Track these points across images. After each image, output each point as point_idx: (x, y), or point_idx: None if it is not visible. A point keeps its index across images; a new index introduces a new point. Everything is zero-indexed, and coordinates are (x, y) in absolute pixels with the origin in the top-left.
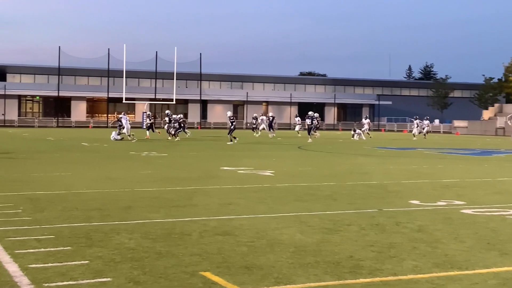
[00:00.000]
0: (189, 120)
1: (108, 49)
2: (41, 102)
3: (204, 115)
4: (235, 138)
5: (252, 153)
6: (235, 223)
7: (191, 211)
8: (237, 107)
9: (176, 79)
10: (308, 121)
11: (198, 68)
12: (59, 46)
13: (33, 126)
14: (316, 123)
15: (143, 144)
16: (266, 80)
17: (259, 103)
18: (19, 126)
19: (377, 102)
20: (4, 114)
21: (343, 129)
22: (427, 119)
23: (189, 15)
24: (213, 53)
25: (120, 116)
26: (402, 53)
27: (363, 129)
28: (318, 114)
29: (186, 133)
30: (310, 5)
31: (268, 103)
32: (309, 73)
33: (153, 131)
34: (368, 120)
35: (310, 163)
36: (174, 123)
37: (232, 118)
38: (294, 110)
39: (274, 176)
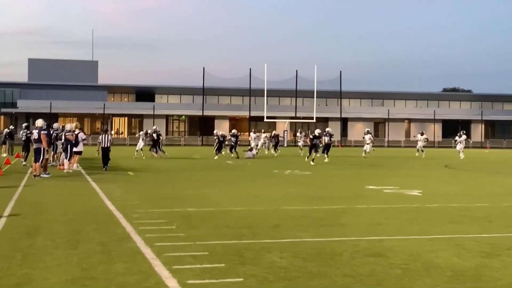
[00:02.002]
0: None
1: (250, 69)
2: (186, 121)
3: (344, 133)
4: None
5: (396, 172)
6: (386, 244)
7: (339, 230)
8: (378, 124)
9: (316, 97)
10: (326, 139)
11: (338, 86)
12: (203, 67)
13: (179, 145)
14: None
15: (286, 162)
16: (408, 97)
17: (400, 120)
18: (166, 145)
19: None
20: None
21: (491, 147)
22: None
23: (329, 33)
24: (353, 71)
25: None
26: None
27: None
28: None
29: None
30: (452, 20)
31: (410, 120)
32: (453, 89)
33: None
34: (463, 137)
35: (459, 182)
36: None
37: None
38: (438, 127)
39: (422, 196)
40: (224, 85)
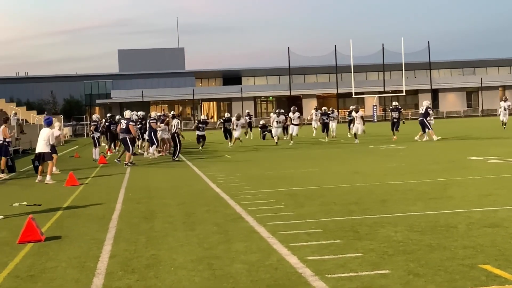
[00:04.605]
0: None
1: (335, 45)
2: (274, 101)
3: (435, 104)
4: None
5: (497, 141)
6: (501, 214)
7: (449, 203)
8: (471, 94)
9: (405, 70)
10: (394, 114)
11: (426, 57)
12: (288, 47)
13: (270, 125)
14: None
15: (377, 138)
16: (501, 63)
17: (494, 88)
18: (255, 126)
19: None
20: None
21: None
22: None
23: (414, 4)
24: (442, 41)
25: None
26: None
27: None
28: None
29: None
30: None
31: (505, 87)
32: None
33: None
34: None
35: None
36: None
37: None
38: None
39: None
40: (310, 63)
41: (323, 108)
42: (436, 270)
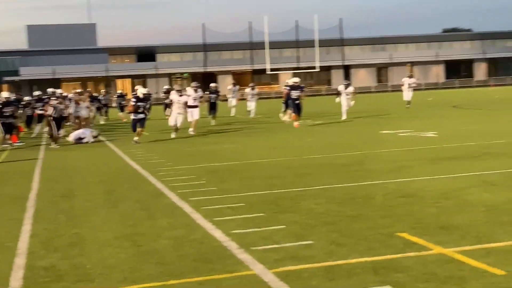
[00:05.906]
0: (334, 86)
1: (249, 22)
2: (189, 78)
3: (347, 80)
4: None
5: (406, 115)
6: (415, 185)
7: (366, 175)
8: (381, 70)
9: (318, 46)
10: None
11: (339, 33)
12: (203, 23)
13: None
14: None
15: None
16: (409, 40)
17: (403, 64)
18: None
19: None
20: (157, 92)
21: (495, 85)
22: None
23: None
24: (354, 17)
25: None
26: None
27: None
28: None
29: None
30: None
31: (412, 63)
32: (453, 29)
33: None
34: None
35: (472, 121)
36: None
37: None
38: (441, 69)
39: (438, 137)
40: (225, 40)
41: (211, 84)
42: (357, 240)
